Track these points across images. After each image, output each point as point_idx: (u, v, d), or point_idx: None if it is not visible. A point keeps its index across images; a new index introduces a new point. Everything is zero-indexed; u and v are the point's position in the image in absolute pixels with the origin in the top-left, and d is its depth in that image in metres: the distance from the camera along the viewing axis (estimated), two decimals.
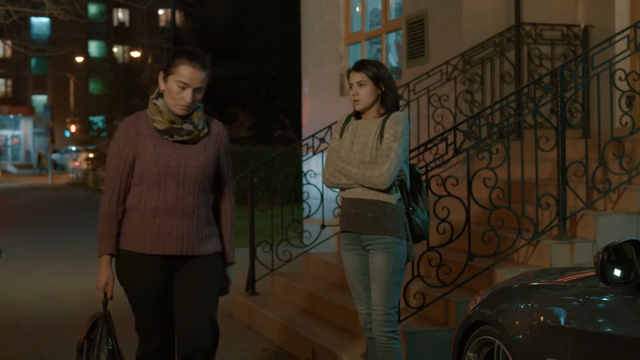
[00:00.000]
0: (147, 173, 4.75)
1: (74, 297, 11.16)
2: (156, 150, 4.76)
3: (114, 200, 4.85)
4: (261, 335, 8.69)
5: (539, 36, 9.91)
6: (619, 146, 7.54)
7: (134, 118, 4.89)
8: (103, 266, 4.89)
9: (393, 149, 5.49)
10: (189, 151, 4.82)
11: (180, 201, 4.77)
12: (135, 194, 4.83)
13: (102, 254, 4.89)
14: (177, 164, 4.76)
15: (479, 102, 9.86)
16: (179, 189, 4.77)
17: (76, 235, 19.38)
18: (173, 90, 4.75)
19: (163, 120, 4.78)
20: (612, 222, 7.22)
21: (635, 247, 4.17)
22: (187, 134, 4.81)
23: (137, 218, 4.81)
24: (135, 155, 4.79)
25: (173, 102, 4.76)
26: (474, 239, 7.12)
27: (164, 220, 4.77)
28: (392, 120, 5.58)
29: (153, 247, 4.79)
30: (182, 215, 4.79)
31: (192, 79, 4.73)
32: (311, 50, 14.60)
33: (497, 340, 4.93)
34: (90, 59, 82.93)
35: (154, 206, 4.77)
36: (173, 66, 4.76)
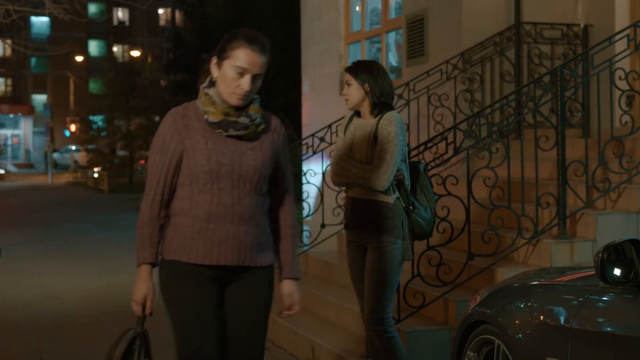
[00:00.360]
0: (197, 171, 4.15)
1: (74, 296, 11.16)
2: (207, 146, 4.17)
3: (157, 202, 4.23)
4: None
5: (539, 35, 9.90)
6: (618, 145, 7.54)
7: (181, 109, 4.32)
8: (142, 277, 4.25)
9: (389, 151, 5.52)
10: (244, 148, 4.22)
11: (236, 205, 4.17)
12: (183, 196, 4.22)
13: (142, 263, 4.24)
14: (231, 162, 4.17)
15: (479, 101, 9.86)
16: (234, 191, 4.17)
17: (76, 234, 19.40)
18: (229, 76, 4.18)
19: (216, 111, 4.19)
20: (612, 221, 7.22)
21: (635, 247, 4.17)
22: (244, 128, 4.21)
23: (187, 224, 4.19)
24: (183, 151, 4.18)
25: (228, 91, 4.19)
26: (473, 238, 7.12)
27: (220, 226, 4.16)
28: (385, 120, 5.61)
29: (206, 257, 4.18)
30: (238, 220, 4.18)
31: (252, 63, 4.18)
32: (311, 49, 14.60)
33: (497, 339, 4.93)
34: (90, 58, 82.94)
35: (208, 210, 4.16)
36: (229, 50, 4.21)
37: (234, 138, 4.20)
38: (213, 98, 4.22)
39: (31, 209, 27.90)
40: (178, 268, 4.23)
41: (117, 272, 13.20)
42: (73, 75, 72.59)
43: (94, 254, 15.69)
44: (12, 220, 23.65)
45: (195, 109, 4.28)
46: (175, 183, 4.23)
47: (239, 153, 4.18)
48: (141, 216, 4.25)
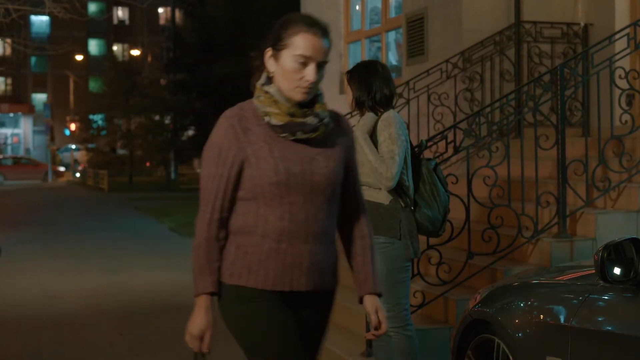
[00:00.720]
0: (262, 183, 3.56)
1: (74, 296, 11.16)
2: (273, 154, 3.58)
3: (215, 220, 3.63)
4: None
5: (538, 34, 9.90)
6: (618, 144, 7.54)
7: (237, 111, 3.73)
8: (202, 309, 3.65)
9: (395, 152, 5.53)
10: (313, 153, 3.64)
11: (310, 220, 3.61)
12: (246, 211, 3.62)
13: (201, 292, 3.63)
14: (301, 170, 3.59)
15: (479, 100, 9.86)
16: (307, 205, 3.60)
17: (76, 234, 19.39)
18: (290, 68, 3.60)
19: (280, 112, 3.61)
20: (612, 220, 7.22)
21: (635, 246, 4.17)
22: (313, 130, 3.62)
23: (253, 244, 3.60)
24: (244, 160, 3.59)
25: (291, 85, 3.60)
26: (473, 237, 7.11)
27: (292, 247, 3.60)
28: (383, 122, 5.62)
29: (277, 282, 3.61)
30: (313, 238, 3.64)
31: (315, 49, 3.60)
32: None
33: (497, 338, 4.93)
34: (90, 57, 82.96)
35: (279, 228, 3.57)
36: (286, 37, 3.63)
37: (301, 142, 3.62)
38: (275, 96, 3.64)
39: (31, 209, 27.90)
40: (245, 296, 3.64)
41: (117, 271, 13.19)
42: (73, 75, 72.59)
43: (94, 253, 15.68)
44: (12, 219, 23.65)
45: (252, 109, 3.71)
46: (234, 197, 3.64)
47: (308, 160, 3.61)
48: (198, 237, 3.65)
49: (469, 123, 7.34)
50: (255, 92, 3.74)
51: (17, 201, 32.07)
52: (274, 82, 3.67)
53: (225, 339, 8.40)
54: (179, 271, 12.80)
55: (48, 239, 18.45)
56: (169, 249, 16.19)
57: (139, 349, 8.19)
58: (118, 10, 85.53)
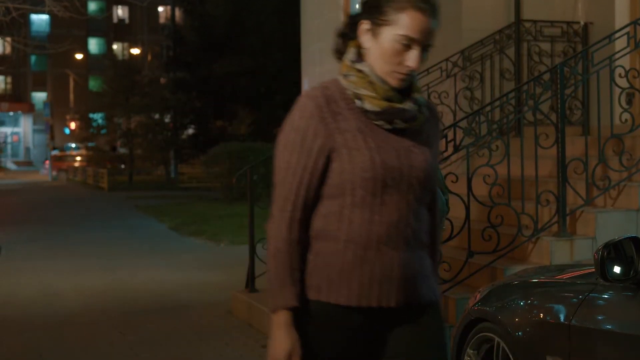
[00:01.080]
0: (354, 179, 3.00)
1: (75, 294, 11.16)
2: (368, 144, 3.03)
3: (297, 220, 3.06)
4: (261, 333, 8.68)
5: (538, 33, 9.90)
6: (618, 143, 7.54)
7: (322, 90, 3.11)
8: (284, 327, 3.00)
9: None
10: (408, 145, 3.09)
11: (403, 223, 3.06)
12: (328, 212, 3.06)
13: (282, 307, 3.01)
14: (398, 164, 3.04)
15: (479, 99, 9.86)
16: (401, 204, 3.05)
17: (76, 233, 19.39)
18: (390, 49, 3.02)
19: (376, 95, 3.03)
20: (611, 219, 7.22)
21: (635, 244, 4.17)
22: (412, 118, 3.08)
23: (335, 251, 3.03)
24: (331, 151, 3.04)
25: (387, 69, 3.03)
26: (473, 236, 7.12)
27: (383, 255, 3.03)
28: None
29: (362, 297, 3.03)
30: (404, 244, 3.07)
31: (423, 31, 3.04)
32: (311, 47, 14.60)
33: (497, 337, 4.93)
34: (90, 56, 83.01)
35: (367, 232, 3.02)
36: (391, 12, 3.01)
37: (395, 132, 3.07)
38: (370, 76, 3.05)
39: (31, 207, 27.90)
40: (326, 312, 3.04)
41: (117, 270, 13.20)
42: (73, 73, 72.61)
43: (94, 252, 15.68)
44: (12, 218, 23.65)
45: (340, 90, 3.11)
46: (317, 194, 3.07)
47: (405, 152, 3.06)
48: (274, 241, 3.05)
49: (469, 122, 7.35)
50: (343, 69, 3.14)
51: (17, 200, 32.07)
52: (367, 59, 3.08)
53: (225, 338, 8.38)
54: (179, 270, 12.81)
55: (48, 238, 18.45)
56: (169, 247, 16.19)
57: (139, 348, 8.18)
58: (118, 8, 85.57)
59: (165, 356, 7.89)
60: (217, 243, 16.58)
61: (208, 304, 9.96)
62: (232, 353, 7.95)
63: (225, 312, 9.66)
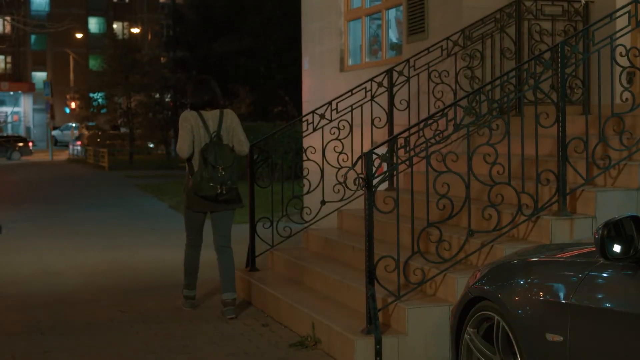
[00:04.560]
0: None
1: (75, 273, 11.19)
2: None
3: None
4: (261, 311, 8.71)
5: (539, 12, 9.87)
6: (619, 122, 7.53)
7: None
8: None
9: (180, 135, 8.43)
10: None
11: None
12: None
13: None
14: None
15: (479, 78, 9.84)
16: None
17: (76, 211, 19.42)
18: None
19: None
20: (612, 198, 7.22)
21: (635, 223, 4.18)
22: None
23: None
24: None
25: None
26: (473, 215, 7.12)
27: None
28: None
29: None
30: None
31: None
32: (311, 26, 14.57)
33: (496, 315, 4.95)
34: (90, 35, 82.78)
35: None
36: None
37: None
38: None
39: (31, 186, 27.91)
40: None
41: (118, 248, 13.22)
42: (73, 52, 72.43)
43: (94, 231, 15.71)
44: (13, 197, 23.67)
45: None
46: None
47: None
48: None
49: (469, 101, 7.33)
50: None
51: (17, 179, 32.08)
52: None
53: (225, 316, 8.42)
54: (179, 248, 12.79)
55: (48, 216, 18.48)
56: (168, 226, 16.22)
57: (139, 326, 8.21)
58: None
59: (165, 334, 7.92)
60: None
61: (208, 282, 9.98)
62: (232, 331, 7.97)
63: None
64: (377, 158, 6.69)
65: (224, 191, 8.29)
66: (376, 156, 6.68)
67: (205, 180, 8.25)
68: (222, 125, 8.45)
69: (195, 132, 8.36)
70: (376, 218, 6.75)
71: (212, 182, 8.25)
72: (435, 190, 6.93)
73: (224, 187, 8.28)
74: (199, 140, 8.35)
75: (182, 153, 8.40)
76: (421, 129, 7.28)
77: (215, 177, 8.24)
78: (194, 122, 8.39)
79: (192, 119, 8.41)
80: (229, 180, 8.30)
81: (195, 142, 8.35)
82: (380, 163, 6.77)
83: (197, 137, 8.36)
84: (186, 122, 8.38)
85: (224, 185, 8.28)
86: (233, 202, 8.51)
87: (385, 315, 6.92)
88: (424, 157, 6.98)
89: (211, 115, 8.48)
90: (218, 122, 8.44)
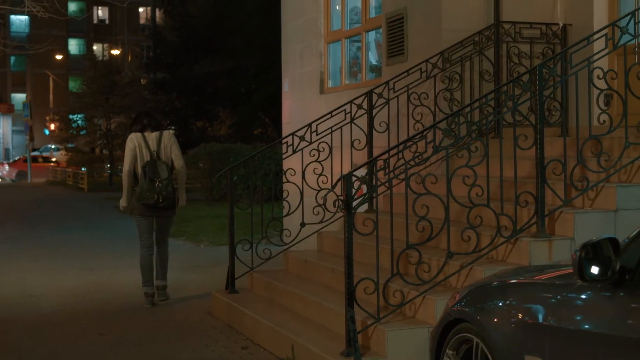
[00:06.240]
0: None
1: (54, 295, 11.13)
2: None
3: None
4: (240, 334, 8.68)
5: (518, 34, 9.94)
6: (596, 144, 7.58)
7: None
8: None
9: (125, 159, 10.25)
10: None
11: None
12: None
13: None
14: None
15: (459, 100, 9.88)
16: None
17: (55, 233, 19.33)
18: None
19: None
20: (590, 219, 7.25)
21: (612, 245, 4.20)
22: None
23: None
24: None
25: None
26: (453, 237, 7.14)
27: None
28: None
29: None
30: None
31: None
32: (291, 48, 14.60)
33: (475, 337, 4.95)
34: (70, 57, 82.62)
35: None
36: None
37: None
38: None
39: (10, 208, 27.77)
40: None
41: (97, 270, 13.17)
42: (53, 74, 72.27)
43: (74, 252, 15.64)
44: None
45: None
46: None
47: None
48: None
49: (449, 123, 7.37)
50: None
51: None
52: None
53: (204, 339, 8.41)
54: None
55: (28, 238, 18.38)
56: None
57: (119, 348, 8.17)
58: (98, 9, 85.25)
59: (144, 356, 7.88)
60: (197, 243, 16.57)
61: (188, 305, 9.94)
62: (212, 354, 7.94)
63: (205, 313, 9.66)
64: (356, 180, 6.70)
65: (160, 199, 9.93)
66: (355, 178, 6.70)
67: (145, 191, 9.91)
68: (161, 144, 10.11)
69: (138, 151, 10.07)
70: (356, 240, 6.76)
71: (150, 192, 9.90)
72: (415, 212, 6.95)
73: (160, 196, 9.91)
74: (141, 157, 10.05)
75: (123, 169, 10.22)
76: (400, 151, 7.30)
77: (153, 189, 9.90)
78: (137, 142, 10.11)
79: (136, 139, 10.13)
80: (164, 191, 9.94)
81: (139, 159, 10.06)
82: (359, 185, 6.79)
83: (139, 154, 10.06)
84: (131, 142, 10.14)
85: (160, 195, 9.92)
86: (170, 209, 10.16)
87: (365, 337, 6.91)
88: (404, 179, 7.00)
89: (152, 136, 10.13)
90: (157, 142, 10.10)
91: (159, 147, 10.07)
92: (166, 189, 9.95)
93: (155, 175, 9.93)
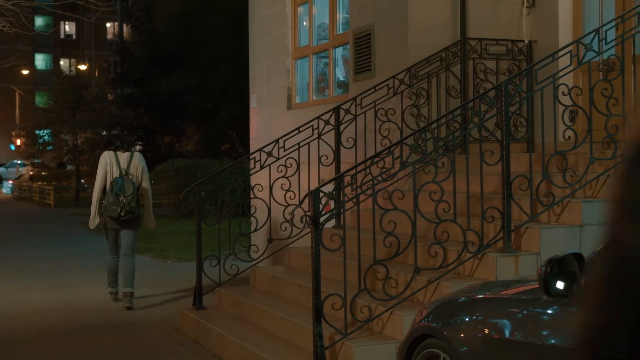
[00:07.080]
0: None
1: (19, 312, 11.04)
2: None
3: None
4: (208, 350, 8.65)
5: (484, 51, 10.01)
6: (562, 160, 7.64)
7: None
8: None
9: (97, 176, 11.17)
10: None
11: None
12: None
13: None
14: None
15: (425, 116, 9.93)
16: None
17: (21, 249, 19.17)
18: None
19: None
20: (555, 234, 7.30)
21: (577, 260, 4.23)
22: None
23: None
24: None
25: None
26: (420, 252, 7.16)
27: None
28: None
29: None
30: None
31: None
32: (259, 64, 14.62)
33: (442, 352, 4.97)
34: (36, 72, 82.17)
35: None
36: None
37: None
38: None
39: None
40: None
41: (63, 287, 13.08)
42: (19, 89, 71.84)
43: (39, 269, 15.52)
44: None
45: None
46: None
47: None
48: None
49: (416, 139, 7.40)
50: None
51: None
52: None
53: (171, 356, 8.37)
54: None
55: None
56: None
57: None
58: (65, 24, 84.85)
59: None
60: (165, 260, 16.50)
61: (155, 321, 9.90)
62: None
63: (172, 330, 9.62)
64: (324, 196, 6.72)
65: (122, 213, 10.82)
66: (323, 194, 6.71)
67: (111, 204, 10.86)
68: (131, 164, 11.07)
69: (109, 168, 11.02)
70: (323, 256, 6.76)
71: (114, 206, 10.85)
72: (382, 227, 6.97)
73: (124, 210, 10.81)
74: (111, 173, 10.99)
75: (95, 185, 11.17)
76: (368, 167, 7.32)
77: (117, 203, 10.83)
78: (109, 160, 11.09)
79: (108, 157, 11.11)
80: (128, 206, 10.82)
81: (108, 175, 11.00)
82: (327, 201, 6.80)
83: (110, 171, 11.01)
84: (103, 160, 11.13)
85: (124, 209, 10.81)
86: (133, 222, 11.05)
87: (332, 353, 6.91)
88: (371, 195, 7.02)
89: (123, 156, 11.12)
90: (128, 162, 11.05)
91: (128, 166, 11.02)
92: (129, 204, 10.83)
93: (121, 191, 10.82)
